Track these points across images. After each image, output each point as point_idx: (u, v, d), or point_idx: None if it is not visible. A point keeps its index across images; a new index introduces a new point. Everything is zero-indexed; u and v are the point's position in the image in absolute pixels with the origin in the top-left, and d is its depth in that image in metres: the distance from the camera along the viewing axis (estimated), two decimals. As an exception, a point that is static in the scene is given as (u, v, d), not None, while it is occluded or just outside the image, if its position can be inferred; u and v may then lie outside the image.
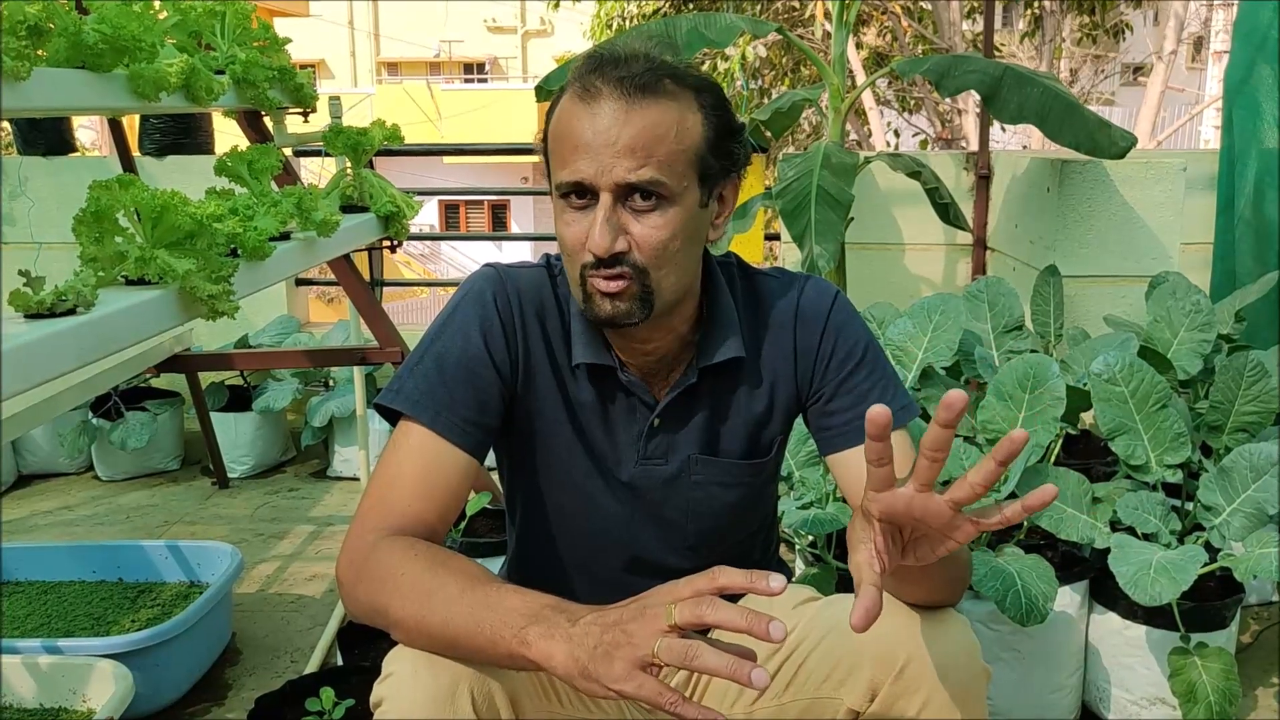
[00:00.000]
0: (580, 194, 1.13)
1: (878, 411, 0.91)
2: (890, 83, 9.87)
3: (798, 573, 2.20)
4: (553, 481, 1.30)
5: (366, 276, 2.76)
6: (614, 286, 1.14)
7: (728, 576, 0.91)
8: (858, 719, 1.16)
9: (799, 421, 1.37)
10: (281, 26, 2.42)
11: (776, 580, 0.89)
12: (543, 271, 1.29)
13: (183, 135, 3.90)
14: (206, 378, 3.47)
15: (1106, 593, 2.01)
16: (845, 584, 2.00)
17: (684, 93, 1.15)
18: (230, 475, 3.56)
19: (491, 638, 0.97)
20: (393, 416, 1.21)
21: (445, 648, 1.03)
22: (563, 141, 1.14)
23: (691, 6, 8.82)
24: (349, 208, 2.36)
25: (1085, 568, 2.04)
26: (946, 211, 3.14)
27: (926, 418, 2.24)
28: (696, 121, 1.15)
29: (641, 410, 1.27)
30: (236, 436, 3.60)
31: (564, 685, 1.19)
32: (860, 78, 8.19)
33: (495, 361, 1.22)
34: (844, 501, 2.09)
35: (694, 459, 1.28)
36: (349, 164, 2.44)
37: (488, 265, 1.29)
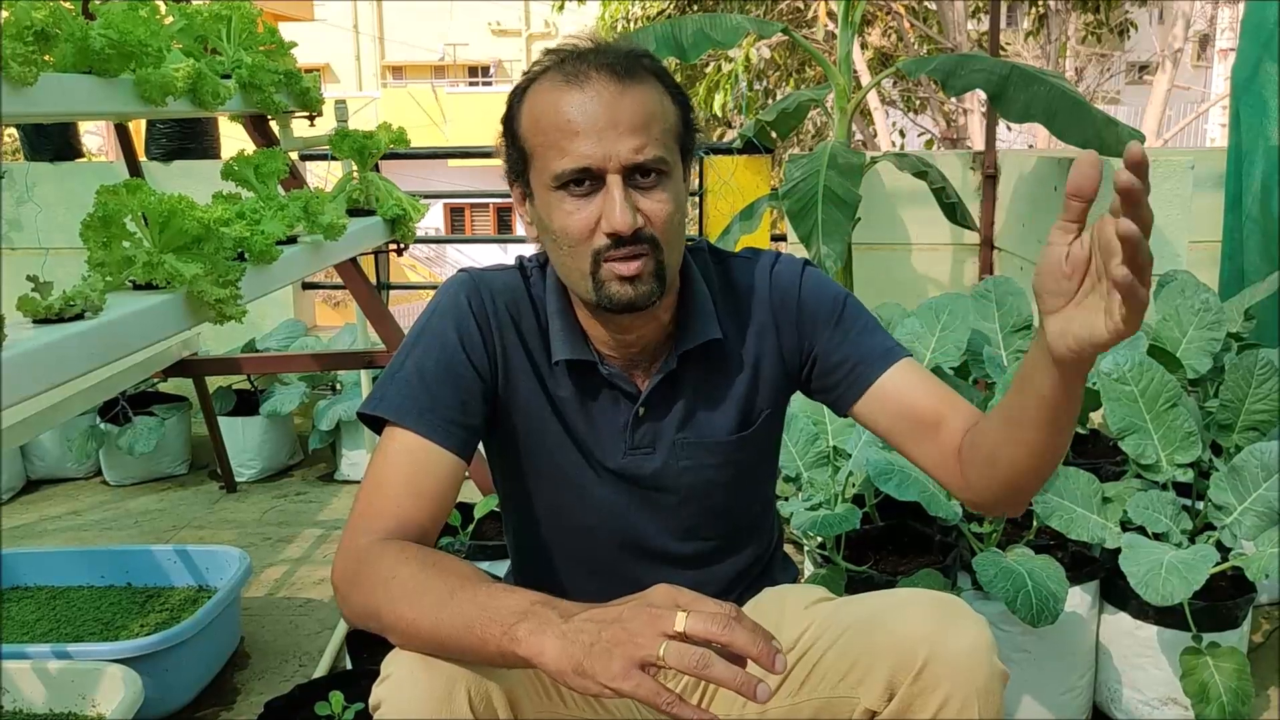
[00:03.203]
0: (580, 181, 1.14)
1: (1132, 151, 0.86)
2: (895, 83, 9.86)
3: (807, 574, 2.19)
4: (543, 479, 1.30)
5: (373, 280, 2.77)
6: (633, 268, 1.14)
7: (742, 627, 0.90)
8: (874, 718, 1.16)
9: (800, 418, 1.36)
10: (286, 31, 2.42)
11: (780, 661, 0.89)
12: (516, 273, 1.31)
13: (189, 140, 3.91)
14: (214, 382, 3.47)
15: (1117, 593, 2.00)
16: (855, 586, 1.99)
17: (654, 76, 1.18)
18: (238, 479, 3.56)
19: (482, 636, 0.97)
20: (376, 425, 1.21)
21: (438, 649, 1.03)
22: (557, 130, 1.14)
23: (696, 7, 8.82)
24: (355, 211, 2.36)
25: (1096, 568, 2.03)
26: (953, 211, 3.14)
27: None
28: (669, 102, 1.19)
29: (625, 401, 1.28)
30: (244, 440, 3.60)
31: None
32: (865, 78, 8.18)
33: (474, 363, 1.23)
34: (853, 502, 2.08)
35: (679, 443, 1.29)
36: (355, 167, 2.44)
37: (461, 270, 1.31)
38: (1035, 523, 2.06)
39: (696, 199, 3.95)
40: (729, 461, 1.31)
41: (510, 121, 1.21)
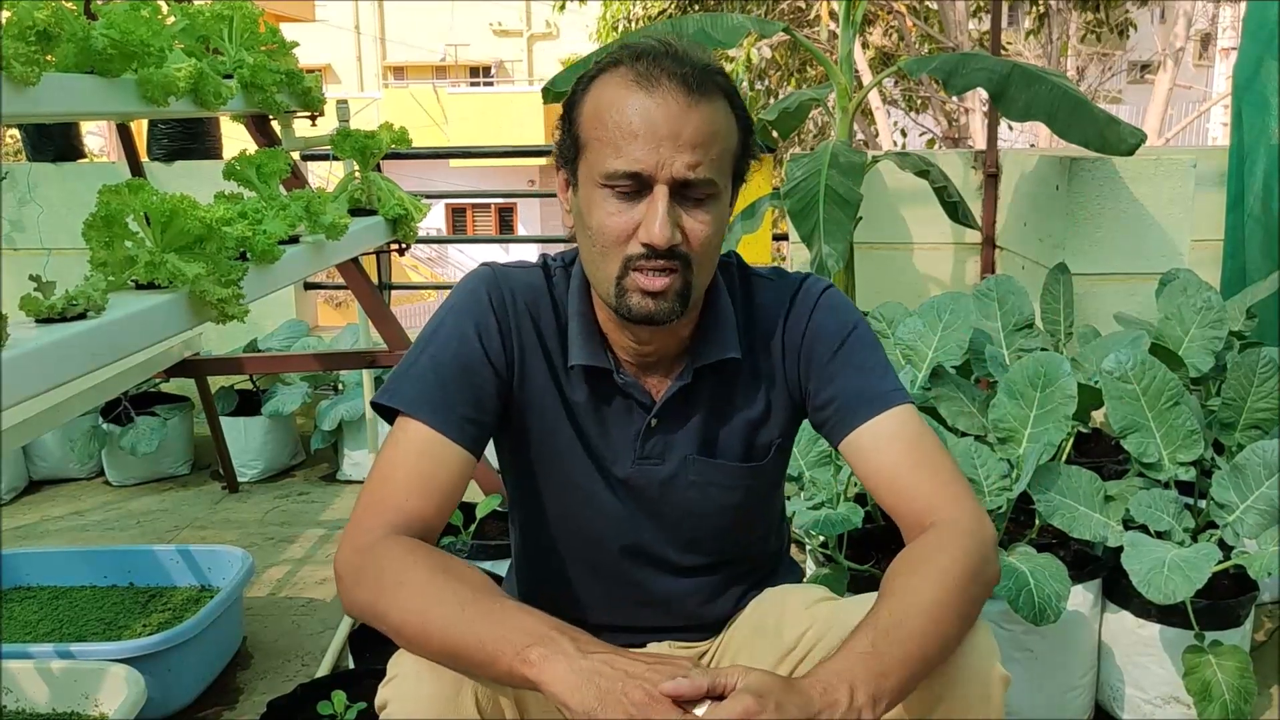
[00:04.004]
0: (628, 183, 1.12)
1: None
2: (897, 82, 9.86)
3: (809, 573, 2.19)
4: (551, 479, 1.30)
5: (374, 280, 2.77)
6: (660, 284, 1.13)
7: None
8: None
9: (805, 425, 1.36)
10: (287, 31, 2.42)
11: None
12: (538, 271, 1.29)
13: (191, 140, 3.91)
14: (216, 382, 3.48)
15: (1120, 591, 2.00)
16: (857, 585, 1.99)
17: (724, 96, 1.16)
18: (240, 479, 3.56)
19: (493, 653, 0.98)
20: (389, 414, 1.21)
21: (446, 659, 1.03)
22: (617, 128, 1.12)
23: (697, 7, 8.82)
24: (357, 211, 2.36)
25: (1098, 566, 2.03)
26: (955, 210, 3.14)
27: (936, 417, 2.23)
28: (733, 123, 1.17)
29: (639, 411, 1.27)
30: (246, 441, 3.60)
31: None
32: (867, 77, 8.18)
33: (491, 359, 1.22)
34: (856, 501, 2.08)
35: (691, 459, 1.28)
36: (357, 167, 2.44)
37: (483, 265, 1.30)
38: (1037, 521, 2.06)
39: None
40: (739, 487, 1.30)
41: (571, 107, 1.19)
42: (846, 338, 1.27)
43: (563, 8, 9.76)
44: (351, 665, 2.10)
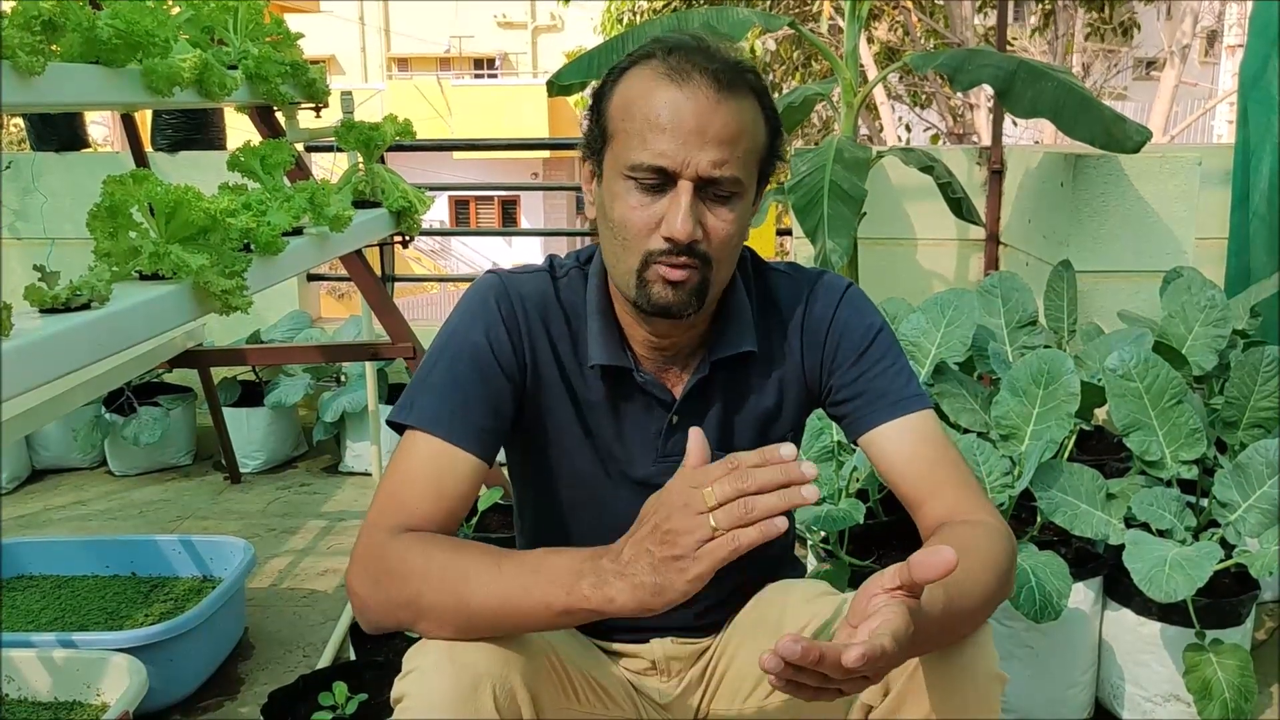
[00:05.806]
0: (652, 177, 1.12)
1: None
2: (901, 78, 9.84)
3: (810, 569, 2.19)
4: (562, 482, 1.30)
5: (377, 272, 2.77)
6: (681, 275, 1.13)
7: (758, 472, 0.94)
8: (870, 714, 1.16)
9: (810, 419, 1.35)
10: (292, 22, 2.42)
11: (787, 448, 0.94)
12: (545, 275, 1.29)
13: (195, 131, 3.91)
14: (219, 373, 3.48)
15: (1121, 589, 2.00)
16: (859, 581, 1.99)
17: (754, 94, 1.16)
18: (242, 470, 3.57)
19: (543, 599, 1.00)
20: (404, 430, 1.20)
21: (488, 623, 1.04)
22: (644, 121, 1.11)
23: (702, 1, 8.80)
24: (361, 203, 2.36)
25: (1099, 564, 2.03)
26: (959, 206, 3.13)
27: (938, 413, 2.23)
28: (761, 123, 1.17)
29: (658, 409, 1.27)
30: (249, 432, 3.60)
31: (580, 683, 1.20)
32: (871, 72, 8.15)
33: (503, 366, 1.22)
34: (858, 497, 2.08)
35: (709, 455, 1.27)
36: (361, 159, 2.44)
37: (489, 272, 1.30)
38: (1039, 519, 2.06)
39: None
40: None
41: (600, 98, 1.18)
42: (874, 337, 1.27)
43: (568, 1, 9.74)
44: (353, 656, 2.10)
